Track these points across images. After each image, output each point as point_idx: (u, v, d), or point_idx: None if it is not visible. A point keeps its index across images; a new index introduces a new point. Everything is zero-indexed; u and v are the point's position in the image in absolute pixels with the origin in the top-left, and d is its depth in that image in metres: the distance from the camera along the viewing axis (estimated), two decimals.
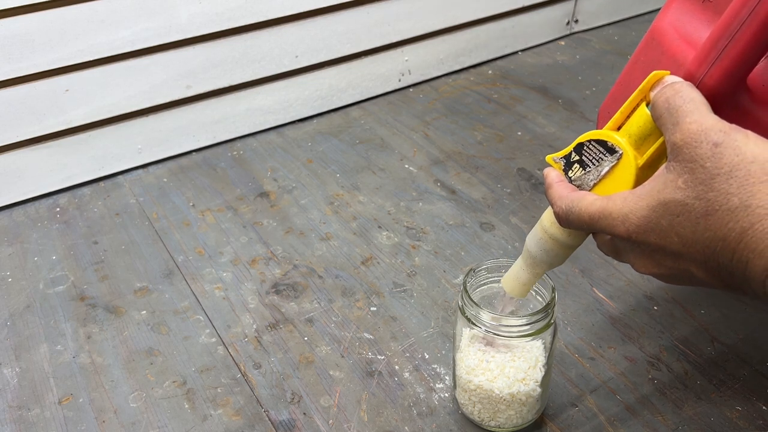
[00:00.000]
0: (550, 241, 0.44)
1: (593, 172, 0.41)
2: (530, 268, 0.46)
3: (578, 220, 0.40)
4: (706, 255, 0.35)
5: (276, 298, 0.65)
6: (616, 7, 1.18)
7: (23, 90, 0.73)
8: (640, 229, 0.37)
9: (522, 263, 0.46)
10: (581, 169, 0.42)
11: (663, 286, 0.64)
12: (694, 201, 0.34)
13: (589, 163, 0.42)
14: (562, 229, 0.43)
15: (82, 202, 0.79)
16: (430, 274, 0.67)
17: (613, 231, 0.38)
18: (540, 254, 0.44)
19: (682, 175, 0.35)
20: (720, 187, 0.33)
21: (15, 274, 0.68)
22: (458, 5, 0.99)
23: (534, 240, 0.45)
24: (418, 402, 0.54)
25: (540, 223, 0.45)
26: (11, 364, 0.59)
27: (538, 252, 0.44)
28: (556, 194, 0.42)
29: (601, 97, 0.97)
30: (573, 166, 0.43)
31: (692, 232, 0.34)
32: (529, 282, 0.46)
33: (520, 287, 0.47)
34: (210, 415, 0.54)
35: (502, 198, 0.77)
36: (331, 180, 0.81)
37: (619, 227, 0.37)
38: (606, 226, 0.38)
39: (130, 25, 0.76)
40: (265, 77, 0.88)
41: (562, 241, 0.43)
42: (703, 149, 0.34)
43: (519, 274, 0.47)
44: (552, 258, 0.44)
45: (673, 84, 0.38)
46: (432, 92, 1.00)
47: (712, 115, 0.35)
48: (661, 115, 0.37)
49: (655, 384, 0.55)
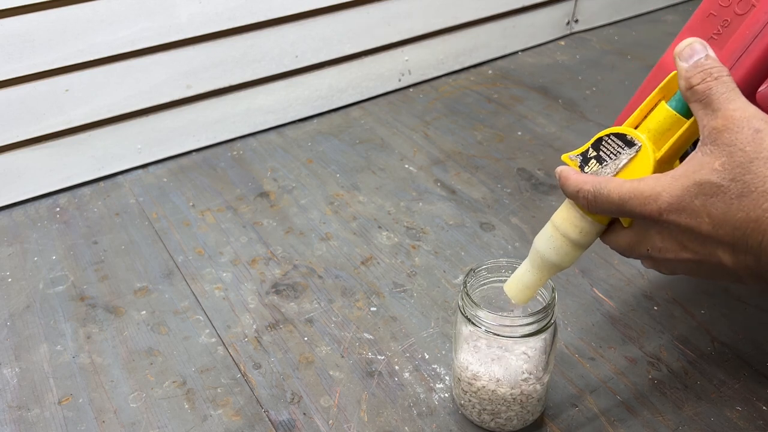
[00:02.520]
0: (561, 239, 0.43)
1: (611, 165, 0.41)
2: (537, 271, 0.45)
3: (606, 202, 0.40)
4: (736, 237, 0.35)
5: (276, 298, 0.65)
6: (616, 7, 1.18)
7: (23, 90, 0.73)
8: (672, 208, 0.37)
9: (528, 266, 0.46)
10: (598, 164, 0.42)
11: (663, 286, 0.64)
12: (730, 183, 0.35)
13: (606, 157, 0.42)
14: (575, 226, 0.43)
15: (82, 202, 0.79)
16: (430, 274, 0.67)
17: (643, 210, 0.38)
18: (549, 254, 0.44)
19: (719, 158, 0.35)
20: (758, 170, 0.34)
21: (15, 274, 0.68)
22: (458, 5, 0.99)
23: (544, 240, 0.44)
24: (418, 402, 0.54)
25: (551, 222, 0.44)
26: (11, 364, 0.59)
27: (548, 252, 0.44)
28: (580, 180, 0.41)
29: (601, 97, 0.97)
30: (590, 162, 0.43)
31: (724, 213, 0.35)
32: (534, 286, 0.46)
33: (524, 292, 0.46)
34: (210, 415, 0.54)
35: (502, 198, 0.77)
36: (331, 180, 0.81)
37: (651, 206, 0.38)
38: (636, 205, 0.38)
39: (130, 25, 0.76)
40: (265, 77, 0.88)
41: (574, 238, 0.43)
42: (744, 134, 0.35)
43: (524, 277, 0.46)
44: (562, 258, 0.44)
45: (711, 70, 0.38)
46: (432, 92, 1.00)
47: (752, 105, 0.36)
48: (701, 100, 0.37)
49: (655, 384, 0.55)
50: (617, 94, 0.98)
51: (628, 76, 1.02)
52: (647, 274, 0.66)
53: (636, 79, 1.01)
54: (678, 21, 1.19)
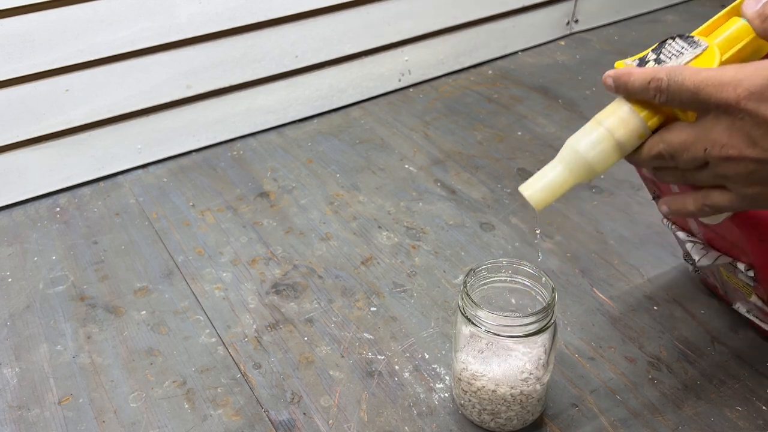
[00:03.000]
0: (605, 136, 0.41)
1: (673, 62, 0.40)
2: (567, 171, 0.42)
3: (680, 89, 0.38)
4: None
5: (276, 298, 0.65)
6: (616, 7, 1.18)
7: (23, 90, 0.73)
8: (754, 96, 0.36)
9: (557, 164, 0.43)
10: (657, 66, 0.41)
11: (663, 286, 0.64)
12: None
13: (666, 59, 0.41)
14: (623, 122, 0.41)
15: (82, 202, 0.79)
16: (430, 274, 0.67)
17: (719, 97, 0.37)
18: (587, 151, 0.42)
19: None
20: None
21: (15, 274, 0.68)
22: (458, 5, 0.99)
23: (583, 136, 0.42)
24: (418, 402, 0.54)
25: (595, 120, 0.42)
26: (11, 364, 0.59)
27: (586, 148, 0.42)
28: (650, 70, 0.40)
29: (601, 97, 0.97)
30: (647, 64, 0.41)
31: None
32: (557, 188, 0.43)
33: (545, 192, 0.43)
34: (210, 415, 0.54)
35: (502, 198, 0.77)
36: (331, 180, 0.81)
37: (730, 92, 0.37)
38: (713, 92, 0.37)
39: (130, 25, 0.76)
40: (266, 77, 0.88)
41: (619, 136, 0.41)
42: None
43: (549, 176, 0.43)
44: (599, 158, 0.42)
45: None
46: (432, 92, 1.00)
47: None
48: None
49: (655, 384, 0.55)
50: None
51: None
52: (647, 274, 0.66)
53: None
54: (678, 21, 1.19)
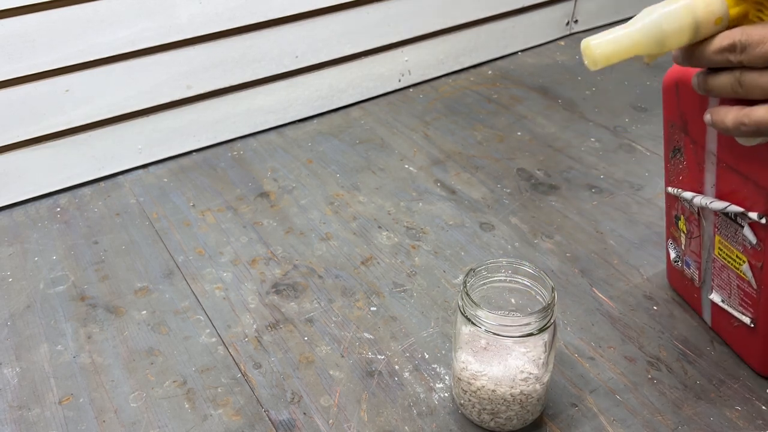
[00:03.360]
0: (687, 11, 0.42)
1: None
2: (641, 34, 0.45)
3: None
4: None
5: (276, 298, 0.65)
6: (616, 7, 1.18)
7: (23, 90, 0.73)
8: None
9: (631, 26, 0.45)
10: None
11: (663, 286, 0.64)
12: None
13: None
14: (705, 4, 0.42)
15: (82, 202, 0.79)
16: (430, 274, 0.67)
17: None
18: (664, 19, 0.43)
19: None
20: None
21: (15, 274, 0.68)
22: (458, 5, 0.99)
23: (664, 5, 0.44)
24: (418, 402, 0.54)
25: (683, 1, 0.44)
26: (11, 364, 0.59)
27: (664, 18, 0.43)
28: None
29: (601, 97, 0.97)
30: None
31: None
32: (623, 50, 0.45)
33: (611, 49, 0.45)
34: (210, 415, 0.54)
35: (502, 198, 0.77)
36: (331, 180, 0.81)
37: None
38: None
39: (131, 25, 0.76)
40: (265, 77, 0.88)
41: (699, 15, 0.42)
42: None
43: (620, 33, 0.45)
44: (672, 30, 0.43)
45: None
46: (432, 92, 1.00)
47: None
48: None
49: (655, 384, 0.55)
50: (617, 94, 0.98)
51: (628, 77, 1.02)
52: (647, 274, 0.66)
53: (636, 79, 1.01)
54: None
